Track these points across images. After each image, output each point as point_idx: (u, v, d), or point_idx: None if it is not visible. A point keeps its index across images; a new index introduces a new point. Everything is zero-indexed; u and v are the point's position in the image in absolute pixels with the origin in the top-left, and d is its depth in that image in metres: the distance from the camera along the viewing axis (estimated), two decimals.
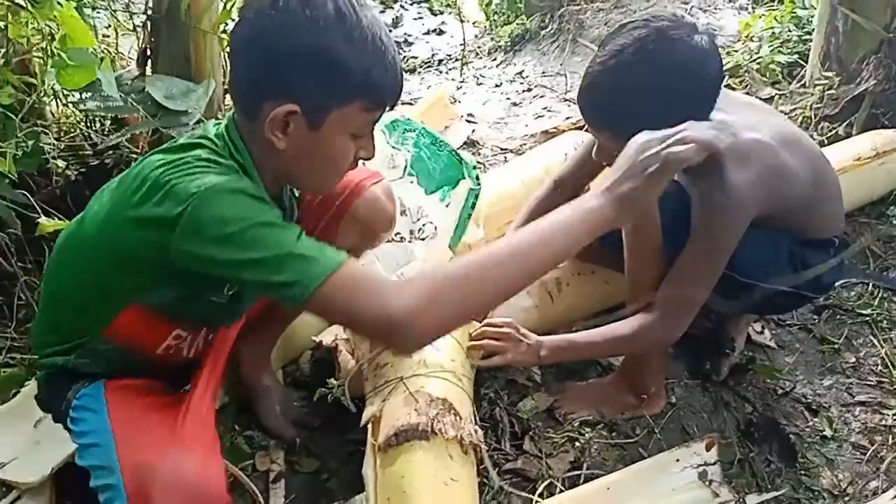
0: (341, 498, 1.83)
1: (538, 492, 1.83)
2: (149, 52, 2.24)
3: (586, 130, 2.96)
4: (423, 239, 2.29)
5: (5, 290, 2.28)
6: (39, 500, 1.77)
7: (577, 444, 1.97)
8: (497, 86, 3.70)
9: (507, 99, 3.58)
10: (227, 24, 2.39)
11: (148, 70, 2.26)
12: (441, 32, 4.87)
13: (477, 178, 2.40)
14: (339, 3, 1.27)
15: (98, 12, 2.50)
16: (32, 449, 1.83)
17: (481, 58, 4.06)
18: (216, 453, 1.44)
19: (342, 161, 1.41)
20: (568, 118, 3.31)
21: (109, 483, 1.32)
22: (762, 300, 1.90)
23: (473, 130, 3.32)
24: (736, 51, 3.77)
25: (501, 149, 3.13)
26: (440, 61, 4.15)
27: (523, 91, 3.63)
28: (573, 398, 2.10)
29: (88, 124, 2.57)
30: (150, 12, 2.30)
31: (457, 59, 4.10)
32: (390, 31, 1.16)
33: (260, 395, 2.01)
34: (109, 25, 2.68)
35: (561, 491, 1.84)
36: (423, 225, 2.30)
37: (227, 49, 1.36)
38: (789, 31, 3.64)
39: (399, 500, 1.52)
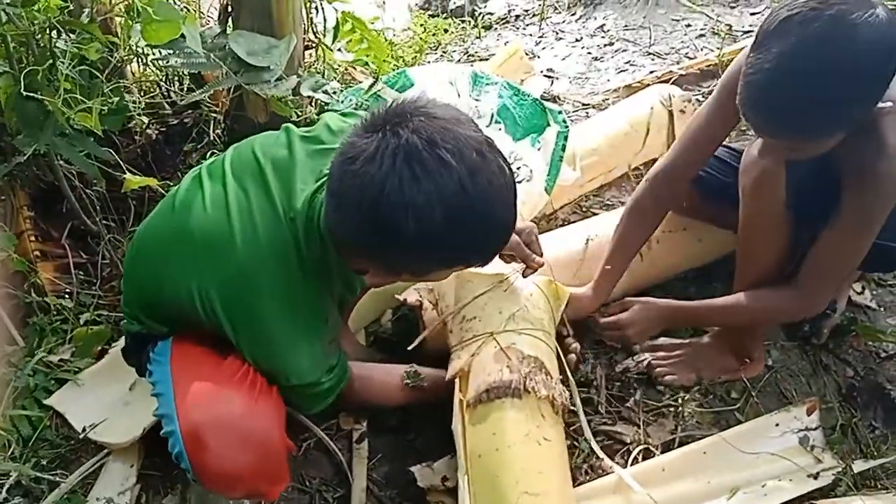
0: (427, 458, 1.79)
1: (632, 456, 1.78)
2: (230, 9, 2.21)
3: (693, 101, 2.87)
4: (519, 182, 2.22)
5: (90, 249, 2.31)
6: (128, 460, 1.82)
7: (671, 408, 1.92)
8: (577, 40, 3.59)
9: (588, 54, 3.47)
10: None
11: (228, 27, 2.24)
12: None
13: (564, 121, 2.34)
14: (460, 191, 1.19)
15: None
16: (122, 410, 1.88)
17: (560, 12, 3.94)
18: (271, 396, 1.46)
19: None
20: (652, 72, 3.18)
21: (171, 430, 1.36)
22: (880, 257, 1.79)
23: (552, 83, 3.22)
24: None
25: (583, 104, 3.03)
26: (517, 17, 4.03)
27: (605, 45, 3.50)
28: (670, 361, 2.01)
29: (168, 83, 2.57)
30: None
31: (534, 15, 3.99)
32: None
33: None
34: None
35: (653, 455, 1.79)
36: (518, 168, 2.25)
37: (329, 192, 1.30)
38: None
39: (491, 459, 1.49)
